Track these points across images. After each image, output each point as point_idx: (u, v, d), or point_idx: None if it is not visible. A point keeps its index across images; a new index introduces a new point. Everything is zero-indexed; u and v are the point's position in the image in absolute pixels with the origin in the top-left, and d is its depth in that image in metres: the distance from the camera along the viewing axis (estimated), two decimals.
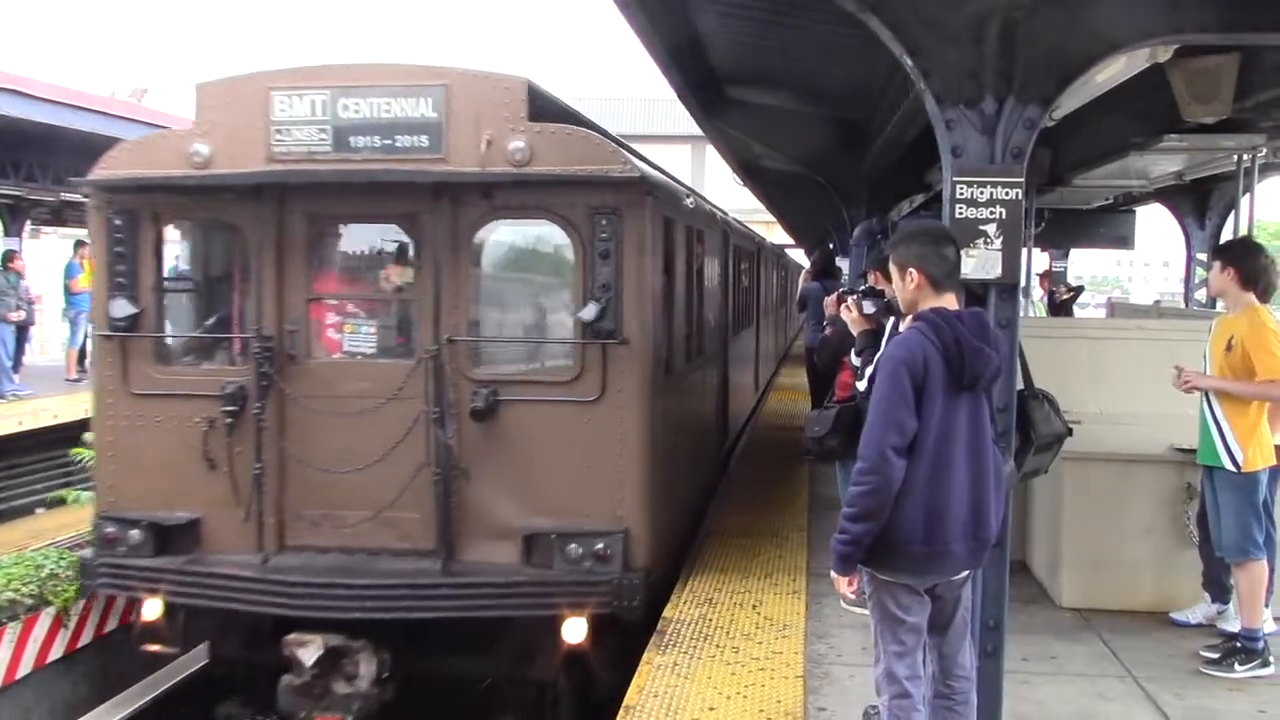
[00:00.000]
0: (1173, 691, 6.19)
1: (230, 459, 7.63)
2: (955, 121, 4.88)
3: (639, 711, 5.71)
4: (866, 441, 4.18)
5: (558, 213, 7.37)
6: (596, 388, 7.31)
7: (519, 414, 7.41)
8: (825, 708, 5.84)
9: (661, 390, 7.89)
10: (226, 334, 8.14)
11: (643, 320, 7.36)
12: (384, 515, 7.46)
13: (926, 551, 4.21)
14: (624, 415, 7.33)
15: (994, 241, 4.84)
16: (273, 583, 7.29)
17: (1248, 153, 9.99)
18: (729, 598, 7.71)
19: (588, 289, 7.25)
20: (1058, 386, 8.22)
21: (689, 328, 9.58)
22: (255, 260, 7.66)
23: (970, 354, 4.20)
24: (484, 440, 7.42)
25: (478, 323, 7.67)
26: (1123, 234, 18.01)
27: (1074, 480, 7.68)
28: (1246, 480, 6.50)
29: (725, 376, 12.79)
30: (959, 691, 4.51)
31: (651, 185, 7.51)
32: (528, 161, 7.21)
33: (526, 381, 7.58)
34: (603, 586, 7.20)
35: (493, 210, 7.47)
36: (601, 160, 7.31)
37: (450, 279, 7.42)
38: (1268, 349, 6.35)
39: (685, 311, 9.33)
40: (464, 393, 7.38)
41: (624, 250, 7.23)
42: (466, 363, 7.48)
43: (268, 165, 7.46)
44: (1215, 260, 6.78)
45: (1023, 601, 7.57)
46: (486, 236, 7.75)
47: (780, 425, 16.42)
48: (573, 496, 7.36)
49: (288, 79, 7.52)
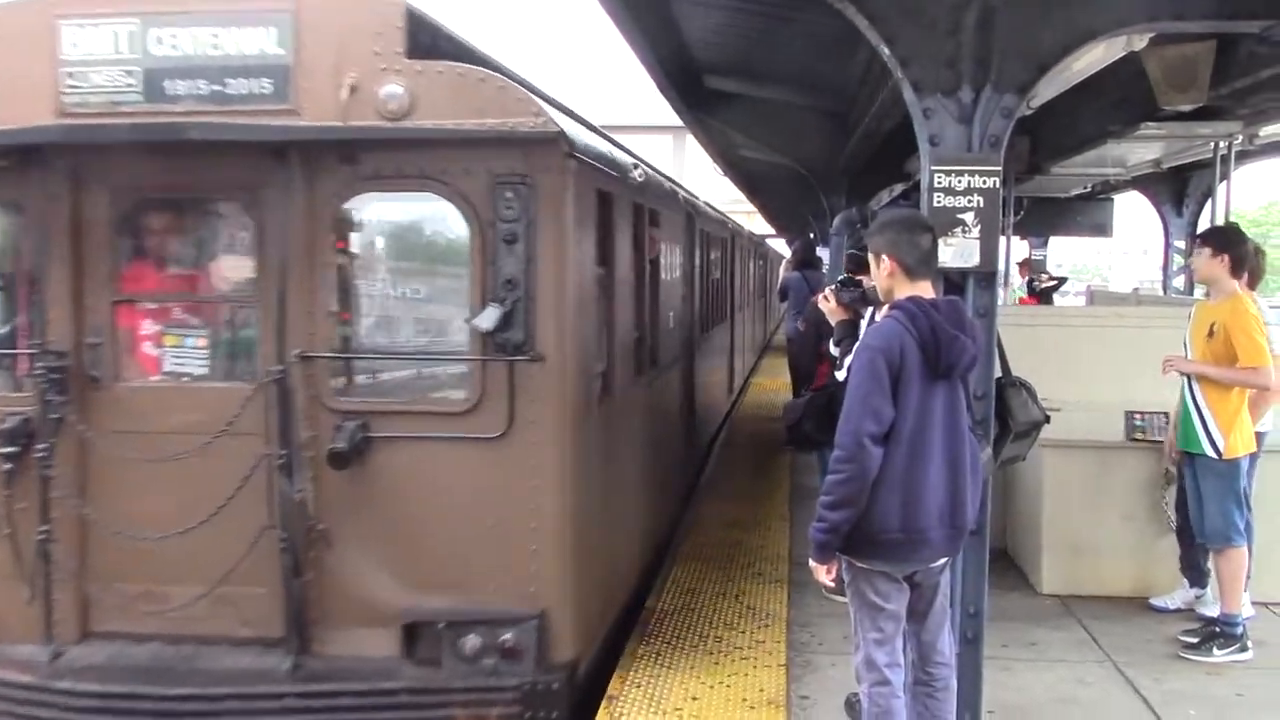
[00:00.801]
0: (1152, 676, 6.24)
1: (9, 518, 5.68)
2: (933, 110, 4.90)
3: (622, 701, 5.71)
4: (843, 430, 4.20)
5: (447, 182, 5.48)
6: (501, 420, 5.46)
7: (397, 456, 5.56)
8: (808, 695, 5.86)
9: (595, 418, 6.22)
10: (7, 349, 6.01)
11: (565, 327, 5.55)
12: (219, 593, 5.57)
13: (904, 539, 4.23)
14: (539, 456, 5.49)
15: (972, 230, 4.86)
16: (54, 693, 5.40)
17: (1224, 140, 10.04)
18: (711, 587, 7.72)
19: (487, 287, 5.43)
20: (1037, 374, 8.31)
21: (639, 333, 7.79)
22: (41, 250, 5.72)
23: (946, 342, 4.21)
24: (350, 492, 5.55)
25: (344, 334, 5.75)
26: (1101, 222, 18.07)
27: (1054, 467, 7.73)
28: (1228, 467, 6.55)
29: (692, 385, 11.07)
30: (939, 678, 4.54)
31: (576, 146, 5.64)
32: (406, 113, 5.37)
33: (408, 412, 5.65)
34: (510, 693, 5.38)
35: (359, 180, 5.57)
36: (506, 111, 5.37)
37: (302, 274, 5.53)
38: (1250, 335, 6.40)
39: (632, 313, 7.56)
40: (323, 428, 5.52)
41: (538, 233, 5.41)
42: (325, 387, 5.59)
43: (56, 120, 5.52)
44: (1205, 247, 6.77)
45: (1003, 588, 7.62)
46: (352, 216, 5.80)
47: (761, 417, 16.45)
48: (470, 568, 5.54)
49: (80, 5, 5.53)
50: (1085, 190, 16.44)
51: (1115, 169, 12.79)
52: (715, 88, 13.21)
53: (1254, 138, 10.14)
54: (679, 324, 10.07)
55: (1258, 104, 8.34)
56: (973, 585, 4.99)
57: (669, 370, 9.34)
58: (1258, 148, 10.99)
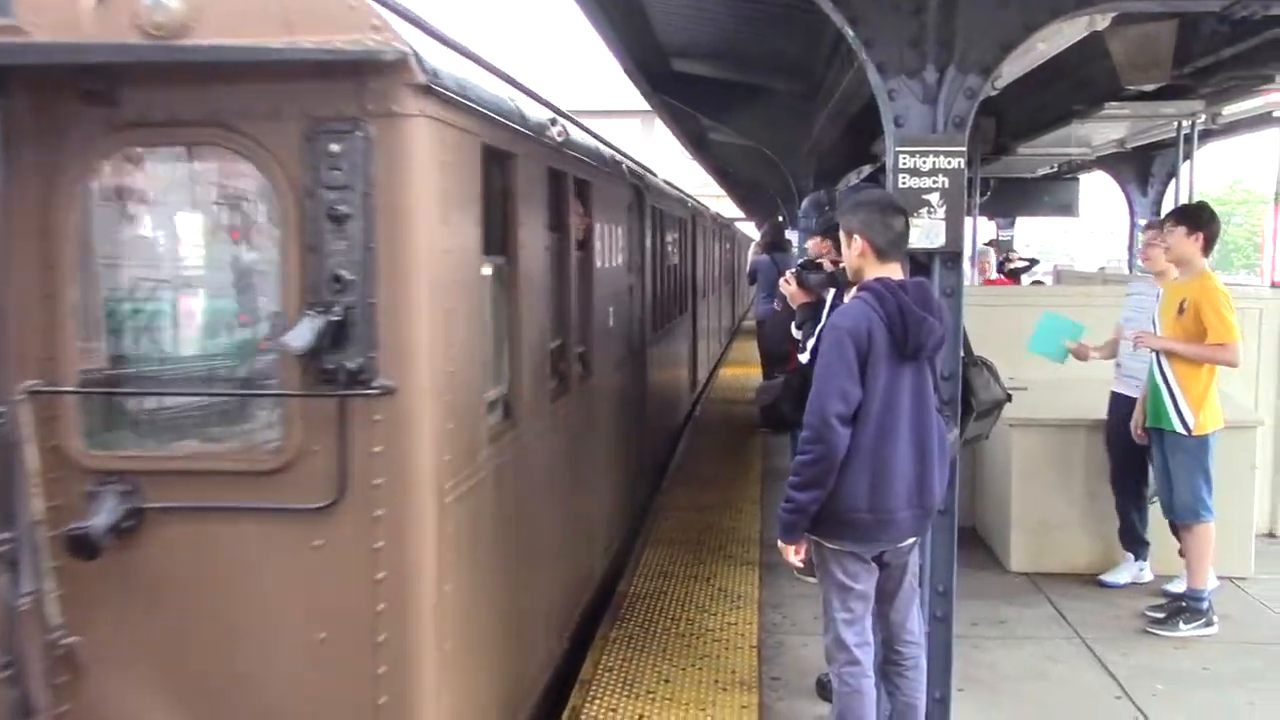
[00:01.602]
0: (1119, 651, 6.31)
1: None
2: (897, 91, 4.89)
3: (595, 686, 5.72)
4: (811, 410, 4.21)
5: (242, 131, 3.69)
6: (326, 484, 3.71)
7: (178, 537, 3.79)
8: (779, 676, 5.89)
9: (486, 469, 4.47)
10: None
11: (426, 344, 3.80)
12: None
13: (872, 519, 4.25)
14: (388, 535, 3.74)
15: (937, 210, 4.87)
16: None
17: (1187, 119, 10.10)
18: (683, 570, 7.74)
19: (304, 286, 3.69)
20: (1005, 354, 8.35)
21: (560, 340, 6.13)
22: None
23: (914, 323, 4.22)
24: (112, 592, 3.80)
25: (98, 358, 3.88)
26: (1067, 202, 18.17)
27: (1020, 446, 7.79)
28: (1198, 444, 6.61)
29: (644, 389, 9.62)
30: (908, 657, 4.57)
31: (441, 79, 3.83)
32: (182, 29, 3.59)
33: (192, 472, 3.81)
34: None
35: (115, 128, 3.75)
36: (330, 24, 3.61)
37: (30, 270, 3.77)
38: (1219, 312, 6.47)
39: (549, 316, 5.81)
40: (69, 496, 3.77)
41: (380, 206, 3.67)
42: (72, 434, 3.80)
43: None
44: (1179, 225, 6.78)
45: (973, 567, 7.67)
46: (108, 181, 3.88)
47: (731, 401, 16.48)
48: (288, 702, 3.80)
49: None
50: (1051, 171, 16.52)
51: (1080, 149, 12.85)
52: (682, 71, 13.20)
53: (1217, 117, 10.20)
54: (624, 322, 8.34)
55: (1220, 83, 8.38)
56: (941, 564, 5.01)
57: (612, 377, 7.67)
58: (1221, 127, 11.05)
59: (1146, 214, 14.36)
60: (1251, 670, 6.08)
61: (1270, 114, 10.58)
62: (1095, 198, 21.85)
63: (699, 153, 21.71)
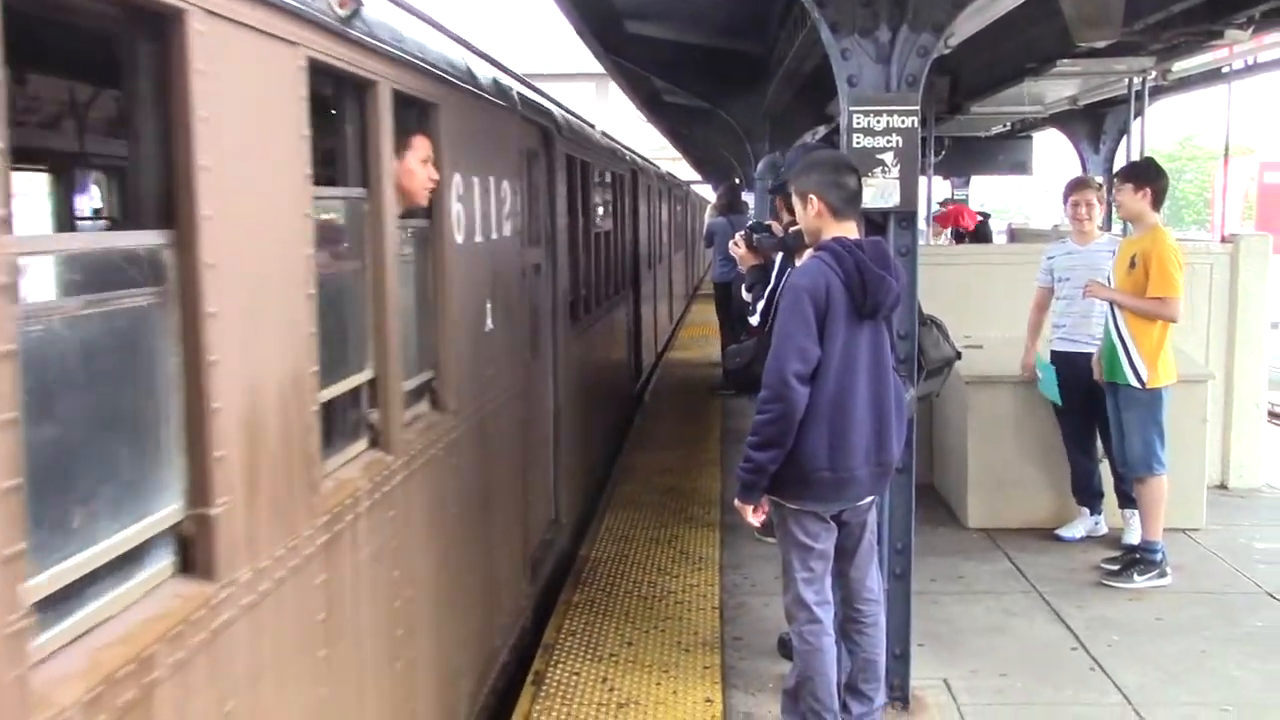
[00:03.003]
0: (1075, 604, 6.40)
1: None
2: (850, 51, 4.88)
3: (558, 650, 5.73)
4: (769, 370, 4.22)
5: None
6: None
7: None
8: (741, 636, 5.93)
9: None
10: None
11: None
12: None
13: (831, 478, 4.27)
14: None
15: (892, 170, 4.87)
16: None
17: (1138, 76, 10.17)
18: (644, 534, 7.76)
19: None
20: (960, 312, 8.42)
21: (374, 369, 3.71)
22: None
23: (872, 282, 4.23)
24: None
25: None
26: (1021, 160, 18.26)
27: (977, 404, 7.85)
28: (1151, 397, 6.70)
29: (551, 408, 7.12)
30: (867, 615, 4.61)
31: None
32: None
33: None
34: None
35: None
36: None
37: None
38: (1164, 266, 6.55)
39: (298, 338, 2.97)
40: None
41: None
42: None
43: None
44: (1127, 183, 6.85)
45: (931, 524, 7.75)
46: None
47: (691, 363, 16.51)
48: None
49: None
50: (1005, 129, 16.61)
51: (1033, 107, 12.91)
52: (635, 32, 13.08)
53: (1167, 73, 10.27)
54: (522, 317, 5.94)
55: (1169, 39, 8.43)
56: (899, 522, 5.06)
57: (494, 401, 5.25)
58: (1171, 83, 11.12)
59: (1099, 171, 14.47)
60: (1203, 619, 6.19)
61: (1219, 70, 10.67)
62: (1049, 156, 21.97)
63: (654, 115, 21.59)
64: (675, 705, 5.10)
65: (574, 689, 5.27)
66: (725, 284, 12.44)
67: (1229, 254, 8.88)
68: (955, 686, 5.31)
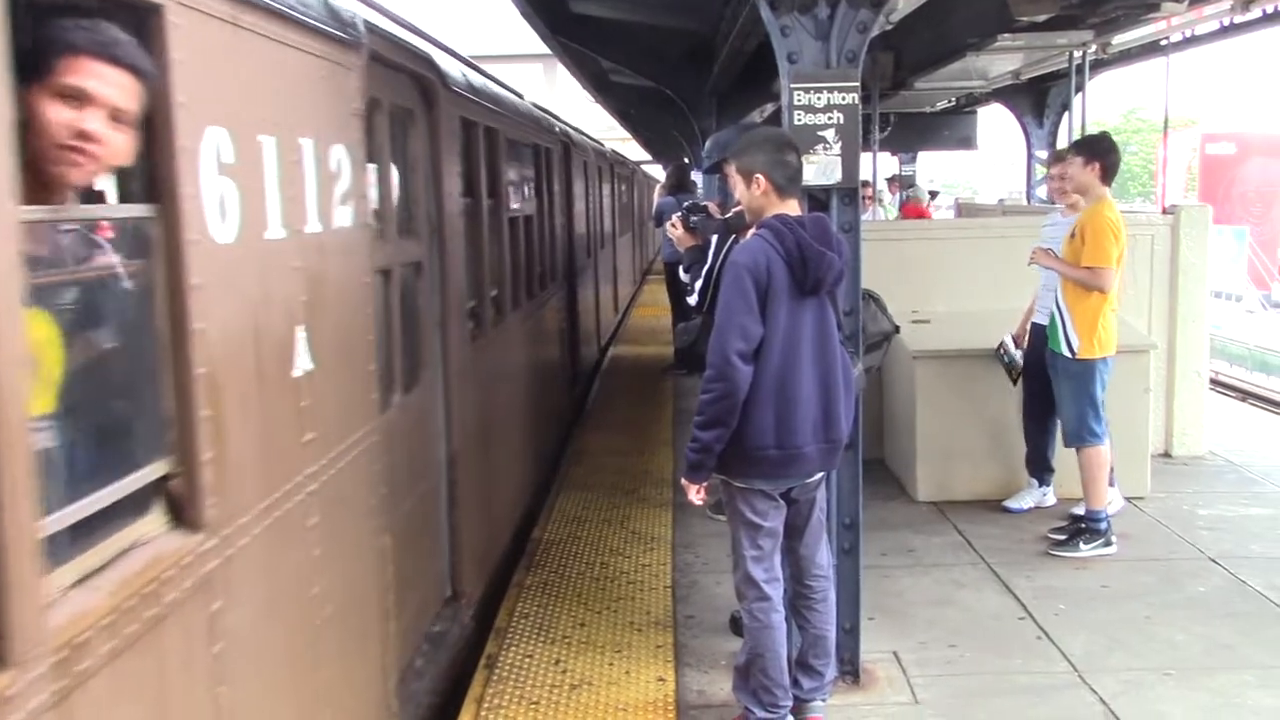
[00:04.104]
0: (1023, 574, 6.47)
1: None
2: (790, 28, 4.88)
3: (510, 634, 5.72)
4: (712, 348, 4.23)
5: None
6: None
7: None
8: (693, 615, 5.95)
9: None
10: None
11: None
12: None
13: (779, 455, 4.28)
14: None
15: (833, 146, 4.87)
16: None
17: (1078, 50, 10.26)
18: (597, 515, 7.76)
19: None
20: (907, 287, 8.49)
21: None
22: None
23: (813, 258, 4.24)
24: None
25: None
26: (966, 135, 18.40)
27: (925, 378, 7.91)
28: (1081, 368, 6.77)
29: (451, 476, 5.53)
30: (817, 591, 4.63)
31: None
32: None
33: None
34: None
35: None
36: None
37: None
38: (1098, 238, 6.63)
39: None
40: None
41: None
42: None
43: None
44: (1077, 156, 6.92)
45: (882, 498, 7.82)
46: None
47: (641, 342, 16.51)
48: None
49: None
50: (950, 104, 16.71)
51: (977, 82, 13.00)
52: (580, 12, 13.02)
53: (1107, 46, 10.37)
54: (350, 356, 3.92)
55: (1107, 12, 8.51)
56: (848, 498, 5.09)
57: (301, 509, 3.37)
58: (1111, 57, 11.25)
59: (1043, 145, 14.60)
60: (1147, 585, 6.29)
61: (1158, 43, 10.79)
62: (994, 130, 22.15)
63: (602, 96, 21.50)
64: (628, 685, 5.11)
65: (527, 671, 5.26)
66: (674, 263, 12.41)
67: (1170, 225, 8.99)
68: (905, 659, 5.36)
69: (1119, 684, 5.07)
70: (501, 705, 4.92)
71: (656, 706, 4.90)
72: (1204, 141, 31.81)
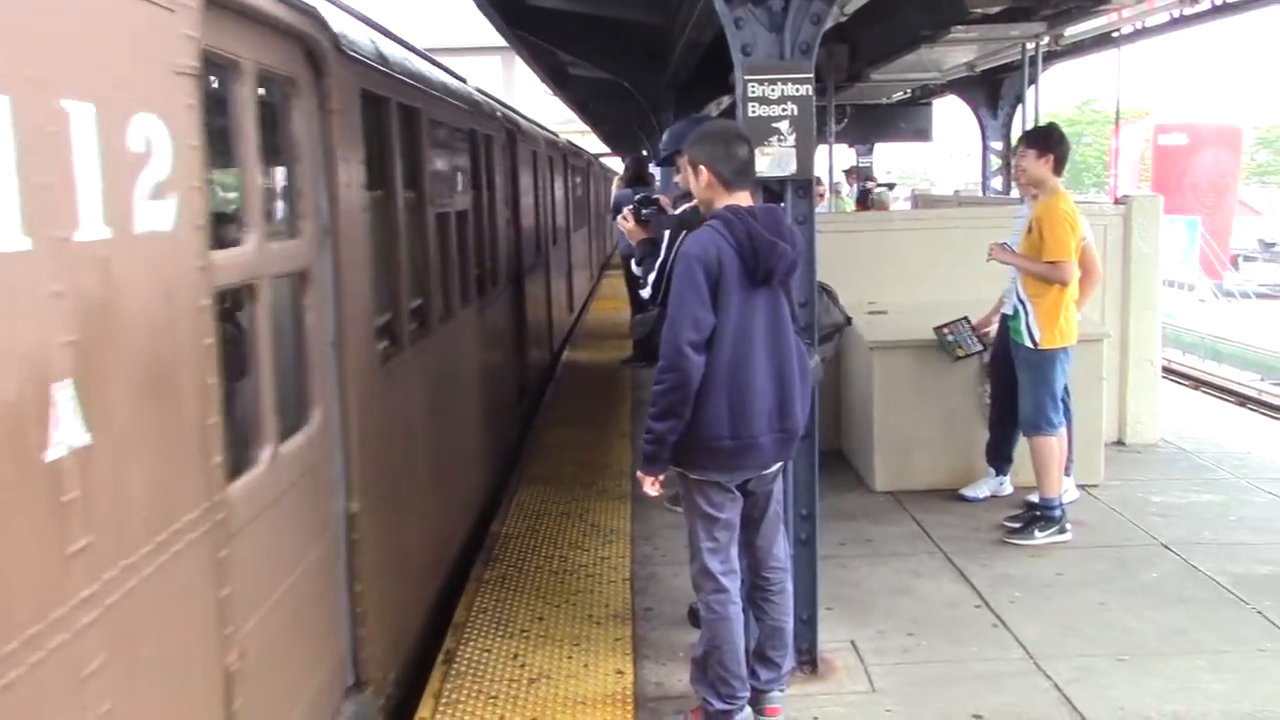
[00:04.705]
0: (979, 562, 6.52)
1: None
2: (744, 20, 4.88)
3: (469, 628, 5.70)
4: (665, 340, 4.23)
5: None
6: None
7: None
8: (651, 607, 5.95)
9: None
10: None
11: None
12: None
13: (733, 446, 4.29)
14: None
15: (787, 138, 4.88)
16: None
17: (1031, 41, 10.34)
18: (556, 508, 7.74)
19: None
20: (864, 278, 8.53)
21: None
22: None
23: (764, 249, 4.24)
24: None
25: None
26: (922, 127, 18.52)
27: (882, 368, 7.95)
28: (1042, 358, 6.83)
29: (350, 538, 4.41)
30: (774, 582, 4.64)
31: None
32: None
33: None
34: None
35: None
36: None
37: None
38: (1055, 232, 6.69)
39: None
40: None
41: None
42: None
43: None
44: (1030, 149, 6.94)
45: (840, 488, 7.85)
46: None
47: (600, 334, 16.50)
48: None
49: None
50: (905, 96, 16.81)
51: (932, 74, 13.09)
52: (537, 4, 12.97)
53: (1059, 38, 10.46)
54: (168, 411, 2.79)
55: (1060, 4, 8.58)
56: (805, 488, 5.10)
57: None
58: (1064, 48, 11.34)
59: (998, 136, 14.71)
60: (1102, 572, 6.35)
61: (1110, 35, 10.89)
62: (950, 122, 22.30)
63: (561, 89, 21.45)
64: (586, 678, 5.11)
65: (485, 666, 5.25)
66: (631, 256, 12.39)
67: (1123, 215, 9.07)
68: (863, 648, 5.39)
69: (1073, 670, 5.11)
70: (460, 700, 4.90)
71: (615, 699, 4.90)
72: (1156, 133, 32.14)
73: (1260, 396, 16.65)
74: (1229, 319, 25.70)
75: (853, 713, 4.79)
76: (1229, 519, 7.26)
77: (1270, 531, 7.00)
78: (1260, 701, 4.80)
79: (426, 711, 4.82)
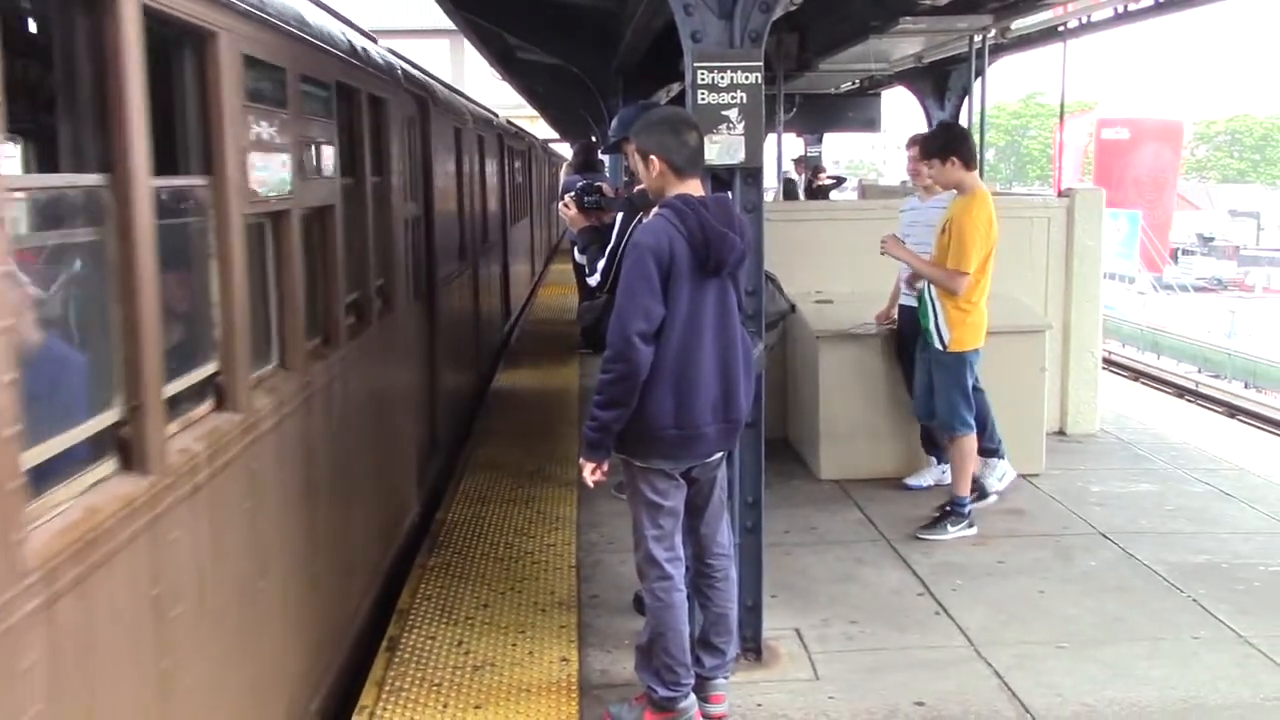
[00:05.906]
0: (922, 551, 6.58)
1: None
2: (693, 6, 4.86)
3: (413, 615, 5.66)
4: (613, 329, 4.20)
5: None
6: None
7: None
8: (597, 594, 5.94)
9: None
10: None
11: None
12: None
13: (678, 435, 4.29)
14: None
15: (736, 126, 4.87)
16: None
17: (978, 33, 10.41)
18: (502, 494, 7.71)
19: None
20: (810, 268, 8.57)
21: None
22: None
23: (715, 239, 4.24)
24: None
25: None
26: (871, 117, 18.61)
27: (827, 358, 7.98)
28: (953, 359, 6.84)
29: None
30: (719, 569, 4.65)
31: None
32: None
33: None
34: None
35: None
36: None
37: None
38: (962, 239, 6.60)
39: None
40: None
41: None
42: None
43: None
44: (934, 158, 6.82)
45: (785, 477, 7.89)
46: None
47: (548, 320, 16.45)
48: None
49: None
50: (854, 86, 16.86)
51: (880, 65, 13.14)
52: None
53: (1006, 31, 10.54)
54: None
55: None
56: (750, 476, 5.11)
57: None
58: (1011, 41, 11.43)
59: None
60: (1041, 560, 6.43)
61: (1056, 28, 10.99)
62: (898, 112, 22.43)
63: (509, 74, 21.32)
64: (531, 665, 5.09)
65: (429, 653, 5.21)
66: None
67: (1065, 208, 9.17)
68: (807, 635, 5.42)
69: (1013, 657, 5.17)
70: (403, 687, 4.87)
71: (559, 687, 4.89)
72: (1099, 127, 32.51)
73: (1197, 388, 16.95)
74: (1168, 312, 26.11)
75: (796, 700, 4.81)
76: (1166, 508, 7.38)
77: (1205, 521, 7.13)
78: (1195, 687, 4.88)
79: (369, 699, 4.78)
